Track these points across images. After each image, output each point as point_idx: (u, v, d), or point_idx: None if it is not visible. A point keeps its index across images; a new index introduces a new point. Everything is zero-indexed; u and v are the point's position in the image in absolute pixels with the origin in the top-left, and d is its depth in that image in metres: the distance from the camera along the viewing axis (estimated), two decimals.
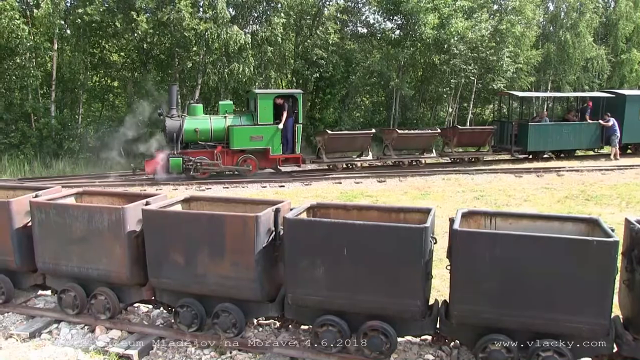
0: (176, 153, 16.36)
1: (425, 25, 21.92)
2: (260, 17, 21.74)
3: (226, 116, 16.90)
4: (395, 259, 4.72)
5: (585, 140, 21.11)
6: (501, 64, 24.15)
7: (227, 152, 16.88)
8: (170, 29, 20.16)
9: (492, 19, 24.55)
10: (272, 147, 17.04)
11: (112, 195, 6.69)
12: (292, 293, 5.13)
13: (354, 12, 25.91)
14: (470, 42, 23.16)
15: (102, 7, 19.68)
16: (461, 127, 21.00)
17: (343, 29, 25.32)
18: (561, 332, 4.46)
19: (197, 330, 5.54)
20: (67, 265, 5.93)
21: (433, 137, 19.70)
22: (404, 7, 21.90)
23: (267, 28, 20.65)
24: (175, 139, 16.37)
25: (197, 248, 5.28)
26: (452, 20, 22.42)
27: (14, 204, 6.13)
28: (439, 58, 23.96)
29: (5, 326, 6.07)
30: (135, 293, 5.92)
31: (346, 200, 12.80)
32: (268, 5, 21.46)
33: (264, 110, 16.83)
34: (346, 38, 25.70)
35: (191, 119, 16.68)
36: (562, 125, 21.09)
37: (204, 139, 16.75)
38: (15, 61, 20.22)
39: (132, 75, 22.91)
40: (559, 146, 21.03)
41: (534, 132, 20.34)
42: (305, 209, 5.54)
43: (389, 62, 23.03)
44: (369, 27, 26.57)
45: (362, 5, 26.21)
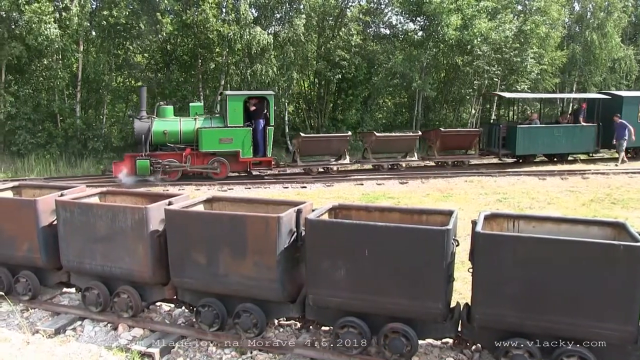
0: (144, 155, 16.12)
1: (448, 26, 21.76)
2: (283, 18, 21.79)
3: (196, 118, 16.65)
4: (416, 261, 4.69)
5: (579, 143, 20.16)
6: (525, 65, 23.87)
7: (196, 154, 16.58)
8: (193, 30, 20.33)
9: (516, 20, 24.28)
10: (243, 150, 16.66)
11: (136, 195, 6.75)
12: (313, 294, 5.12)
13: (376, 13, 25.87)
14: (493, 43, 22.94)
15: (127, 9, 19.92)
16: (444, 130, 20.15)
17: (365, 30, 25.29)
18: (586, 338, 4.38)
19: (218, 330, 5.56)
20: (91, 264, 6.01)
21: (414, 140, 19.07)
22: (426, 8, 21.77)
23: (289, 29, 20.69)
24: (143, 140, 16.13)
25: (219, 248, 5.30)
26: (476, 21, 22.21)
27: (40, 202, 6.23)
28: (462, 59, 23.79)
29: (32, 322, 6.18)
30: (157, 292, 5.96)
31: (368, 201, 12.76)
32: (290, 7, 21.50)
33: (233, 112, 16.46)
34: (369, 39, 25.65)
35: (160, 121, 16.47)
36: (554, 127, 20.18)
37: (173, 141, 16.49)
38: (42, 63, 20.57)
39: (156, 76, 23.13)
40: (550, 150, 20.19)
41: (523, 134, 19.49)
42: (327, 210, 5.53)
43: (412, 63, 22.91)
44: (391, 28, 26.52)
45: (384, 6, 26.16)
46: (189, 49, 22.24)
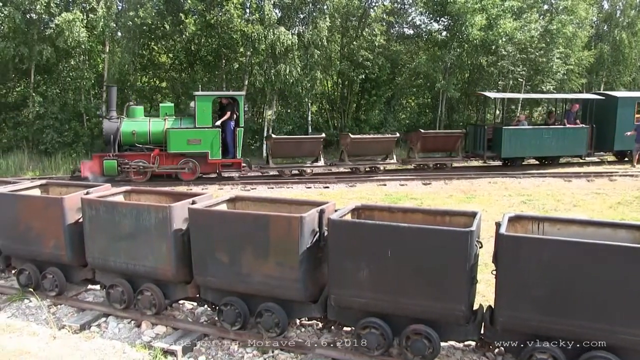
0: (112, 155, 15.94)
1: (472, 26, 21.56)
2: (307, 18, 21.82)
3: (166, 119, 16.29)
4: (439, 262, 4.66)
5: (570, 146, 19.25)
6: (551, 66, 23.54)
7: (165, 155, 16.24)
8: (217, 31, 20.45)
9: (542, 19, 23.96)
10: (211, 152, 16.20)
11: (159, 194, 6.81)
12: (335, 294, 5.11)
13: (400, 13, 25.75)
14: (519, 43, 22.67)
15: (152, 10, 20.13)
16: (424, 131, 19.46)
17: (389, 31, 25.18)
18: (613, 343, 4.30)
19: (240, 329, 5.58)
20: (116, 261, 6.08)
21: (392, 142, 18.43)
22: (450, 8, 21.60)
23: (312, 30, 20.71)
24: (112, 141, 15.98)
25: (242, 247, 5.33)
26: (500, 21, 21.99)
27: (66, 200, 6.33)
28: (487, 59, 23.55)
29: (59, 317, 6.29)
30: (180, 290, 6.02)
31: (391, 202, 12.70)
32: (314, 7, 21.52)
33: (202, 112, 16.06)
34: (392, 39, 25.54)
35: (129, 121, 16.23)
36: (543, 129, 19.37)
37: (142, 141, 16.22)
38: (70, 63, 20.89)
39: (180, 76, 23.33)
40: (539, 152, 19.52)
41: (509, 136, 18.68)
42: (349, 210, 5.52)
43: (435, 63, 22.75)
44: (415, 28, 26.37)
45: (408, 6, 26.03)
46: (212, 49, 22.36)
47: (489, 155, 19.15)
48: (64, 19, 17.54)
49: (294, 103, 23.92)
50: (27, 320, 6.18)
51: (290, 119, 23.47)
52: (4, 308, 6.61)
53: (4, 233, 6.92)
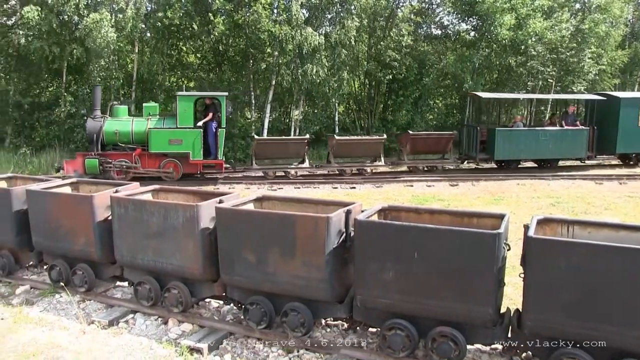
0: (94, 154, 15.97)
1: (501, 26, 21.28)
2: (334, 18, 21.81)
3: (149, 118, 16.22)
4: (466, 264, 4.62)
5: (568, 148, 18.44)
6: (582, 66, 23.10)
7: (147, 155, 16.20)
8: (245, 31, 20.56)
9: (574, 19, 23.54)
10: (193, 152, 16.03)
11: (187, 193, 6.88)
12: (361, 295, 5.10)
13: (427, 13, 25.57)
14: (549, 43, 22.30)
15: (181, 10, 20.32)
16: (413, 133, 19.05)
17: (416, 31, 25.03)
18: None
19: (265, 328, 5.60)
20: (143, 259, 6.15)
21: (379, 144, 18.06)
22: (479, 8, 21.37)
23: (340, 30, 20.70)
24: (95, 140, 16.00)
25: (268, 247, 5.34)
26: (530, 20, 21.66)
27: (96, 198, 6.44)
28: (515, 60, 23.23)
29: (88, 313, 6.40)
30: (207, 288, 6.06)
31: (418, 203, 12.64)
32: (341, 7, 21.50)
33: (183, 113, 15.92)
34: (420, 40, 25.39)
35: (112, 121, 16.28)
36: (539, 131, 18.54)
37: (125, 141, 16.20)
38: (100, 63, 21.21)
39: (208, 76, 23.50)
40: (535, 155, 18.70)
41: (503, 138, 18.04)
42: (376, 211, 5.50)
43: (463, 64, 22.52)
44: (443, 28, 26.17)
45: (436, 6, 25.85)
46: (240, 49, 22.48)
47: (481, 158, 18.63)
48: (92, 20, 17.81)
49: (321, 103, 23.92)
50: (58, 315, 6.30)
51: (317, 119, 23.49)
52: (36, 302, 6.76)
53: (37, 229, 7.06)
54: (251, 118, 22.48)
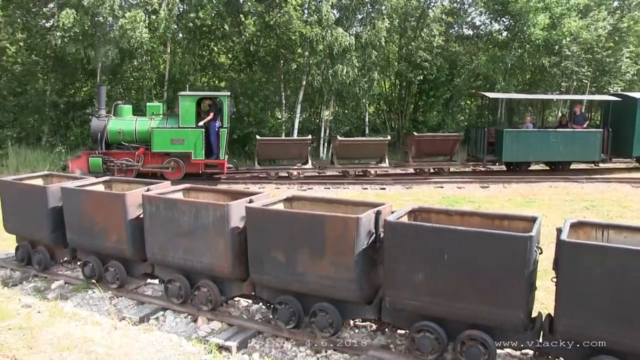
0: (98, 153, 16.26)
1: (534, 25, 20.98)
2: (365, 19, 21.77)
3: (153, 118, 16.47)
4: (497, 267, 4.55)
5: (581, 151, 17.87)
6: (619, 66, 22.59)
7: (151, 154, 16.44)
8: (276, 32, 20.67)
9: (612, 17, 23.00)
10: (194, 152, 16.19)
11: (217, 192, 6.93)
12: (390, 296, 5.07)
13: (459, 13, 25.35)
14: (584, 42, 21.87)
15: (212, 11, 20.52)
16: (418, 134, 18.84)
17: (448, 31, 24.84)
18: None
19: (294, 328, 5.61)
20: (174, 257, 6.22)
21: (383, 146, 17.85)
22: (512, 8, 21.10)
23: (370, 31, 20.65)
24: (99, 139, 16.29)
25: (298, 247, 5.35)
26: (565, 20, 21.28)
27: (128, 196, 6.53)
28: (549, 60, 22.87)
29: (120, 309, 6.50)
30: (236, 287, 6.10)
31: (448, 205, 12.53)
32: (372, 8, 21.45)
33: (185, 112, 16.07)
34: (451, 40, 25.20)
35: (116, 120, 16.55)
36: (550, 132, 18.15)
37: (128, 140, 16.48)
38: (133, 64, 21.57)
39: (239, 76, 23.69)
40: (545, 157, 18.27)
41: (511, 140, 17.61)
42: (406, 212, 5.47)
43: (495, 64, 22.28)
44: (474, 28, 25.91)
45: (467, 6, 25.61)
46: (271, 50, 22.63)
47: (489, 159, 18.24)
48: (127, 20, 18.10)
49: (352, 104, 23.92)
50: (91, 310, 6.42)
51: (348, 120, 23.50)
52: (70, 297, 6.90)
53: (71, 226, 7.20)
54: (282, 118, 22.57)
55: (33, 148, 20.17)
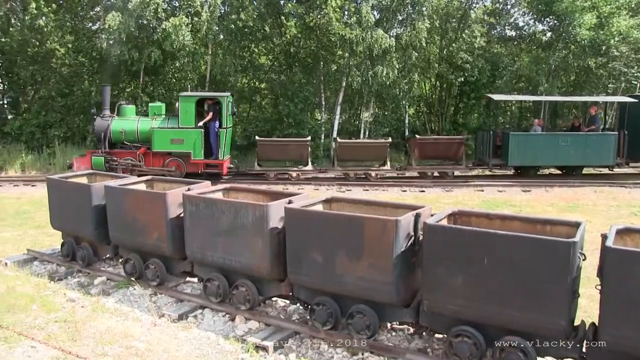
0: (101, 152, 16.70)
1: (580, 26, 20.42)
2: (405, 20, 21.64)
3: (155, 118, 16.85)
4: (539, 273, 4.45)
5: (594, 155, 17.06)
6: None
7: (152, 154, 16.81)
8: (316, 33, 20.71)
9: None
10: (194, 152, 16.53)
11: (257, 192, 6.98)
12: (428, 299, 5.02)
13: (501, 14, 24.92)
14: (635, 42, 21.16)
15: (254, 13, 20.71)
16: (420, 137, 18.43)
17: (490, 32, 24.46)
18: None
19: (331, 329, 5.60)
20: (213, 256, 6.28)
21: (384, 148, 17.57)
22: (557, 7, 20.59)
23: (411, 32, 20.50)
24: (102, 138, 16.73)
25: (336, 248, 5.34)
26: (614, 19, 20.65)
27: (169, 195, 6.64)
28: (595, 61, 22.24)
29: (159, 306, 6.62)
30: (274, 287, 6.12)
31: (488, 208, 12.34)
32: (413, 9, 21.30)
33: (185, 113, 16.38)
34: (493, 41, 24.78)
35: (119, 120, 16.96)
36: (559, 135, 17.50)
37: (131, 139, 16.90)
38: (175, 65, 21.93)
39: (279, 77, 23.83)
40: (554, 161, 17.61)
41: (517, 143, 17.00)
42: (446, 215, 5.40)
43: (538, 66, 21.80)
44: (517, 29, 25.43)
45: (510, 6, 25.15)
46: (311, 51, 22.70)
47: (494, 164, 17.69)
48: (170, 24, 18.43)
49: (391, 105, 23.78)
50: (132, 307, 6.54)
51: (387, 122, 23.37)
52: (112, 293, 7.06)
53: (113, 224, 7.35)
54: (321, 119, 22.61)
55: (78, 147, 20.72)
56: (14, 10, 22.60)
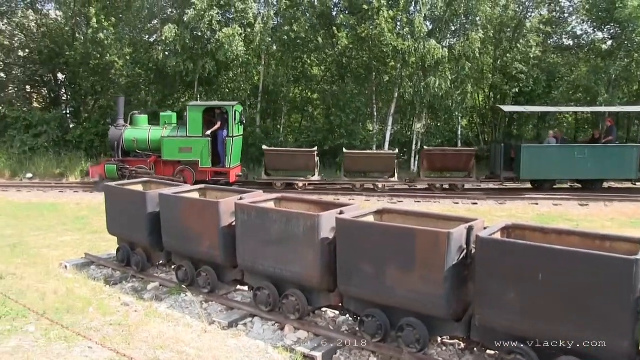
0: (114, 160, 17.34)
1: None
2: (459, 30, 21.40)
3: (165, 127, 17.27)
4: (598, 291, 4.28)
5: (613, 168, 16.24)
6: None
7: (162, 162, 17.27)
8: (368, 44, 20.72)
9: None
10: (201, 160, 16.89)
11: (309, 203, 7.00)
12: (480, 314, 4.91)
13: (559, 22, 24.32)
14: None
15: (306, 24, 20.89)
16: (428, 148, 18.04)
17: (546, 41, 23.88)
18: None
19: (380, 342, 5.54)
20: (264, 265, 6.33)
21: (391, 160, 17.41)
22: (619, 15, 19.88)
23: (464, 42, 20.25)
24: (116, 147, 17.40)
25: (387, 259, 5.29)
26: None
27: (222, 204, 6.73)
28: None
29: (210, 313, 6.70)
30: (324, 298, 6.11)
31: (543, 222, 12.00)
32: (466, 19, 21.05)
33: (193, 122, 16.75)
34: (549, 51, 24.18)
35: (132, 130, 17.54)
36: (575, 148, 16.70)
37: (143, 148, 17.38)
38: (228, 75, 22.34)
39: (331, 88, 23.92)
40: (570, 174, 16.88)
41: (529, 156, 16.40)
42: (499, 228, 5.29)
43: (598, 75, 21.11)
44: (575, 38, 24.73)
45: (568, 15, 24.52)
46: (363, 62, 22.71)
47: (506, 177, 17.12)
48: (224, 35, 18.80)
49: (444, 116, 23.52)
50: (183, 313, 6.64)
51: (440, 133, 23.11)
52: (164, 299, 7.19)
53: (167, 231, 7.51)
54: (373, 130, 22.55)
55: None
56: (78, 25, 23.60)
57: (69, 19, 23.89)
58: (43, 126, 22.64)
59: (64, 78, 25.60)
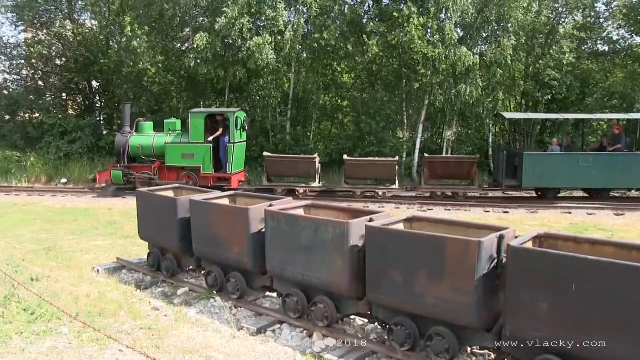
0: (120, 166, 17.80)
1: None
2: (490, 37, 21.21)
3: (169, 134, 17.65)
4: (635, 303, 4.17)
5: (621, 176, 15.71)
6: None
7: (166, 168, 17.65)
8: (398, 51, 20.67)
9: None
10: (203, 166, 17.21)
11: (338, 210, 6.99)
12: (511, 325, 4.83)
13: (593, 28, 23.88)
14: None
15: (336, 32, 20.95)
16: (429, 156, 17.82)
17: (580, 48, 23.48)
18: None
19: (409, 350, 5.49)
20: (293, 272, 6.34)
21: (392, 167, 17.22)
22: None
23: (495, 49, 20.05)
24: (122, 153, 17.85)
25: (416, 268, 5.26)
26: None
27: (251, 211, 6.77)
28: None
29: (239, 319, 6.74)
30: (352, 305, 6.09)
31: (576, 232, 11.78)
32: (498, 26, 20.84)
33: (195, 128, 17.11)
34: (583, 57, 23.76)
35: (137, 136, 18.01)
36: (580, 156, 16.14)
37: (147, 154, 17.82)
38: (259, 83, 22.53)
39: (361, 95, 23.92)
40: (575, 183, 16.38)
41: (532, 164, 15.98)
42: (531, 238, 5.21)
43: (634, 82, 20.68)
44: (610, 44, 24.23)
45: (603, 20, 24.05)
46: (393, 69, 22.67)
47: (508, 185, 16.78)
48: (255, 43, 18.98)
49: (475, 124, 23.30)
50: (212, 318, 6.69)
51: (470, 140, 22.90)
52: (194, 304, 7.26)
53: (197, 237, 7.59)
54: (403, 138, 22.47)
55: None
56: (112, 34, 24.12)
57: (104, 28, 24.46)
58: (78, 132, 23.21)
59: (98, 85, 26.20)
